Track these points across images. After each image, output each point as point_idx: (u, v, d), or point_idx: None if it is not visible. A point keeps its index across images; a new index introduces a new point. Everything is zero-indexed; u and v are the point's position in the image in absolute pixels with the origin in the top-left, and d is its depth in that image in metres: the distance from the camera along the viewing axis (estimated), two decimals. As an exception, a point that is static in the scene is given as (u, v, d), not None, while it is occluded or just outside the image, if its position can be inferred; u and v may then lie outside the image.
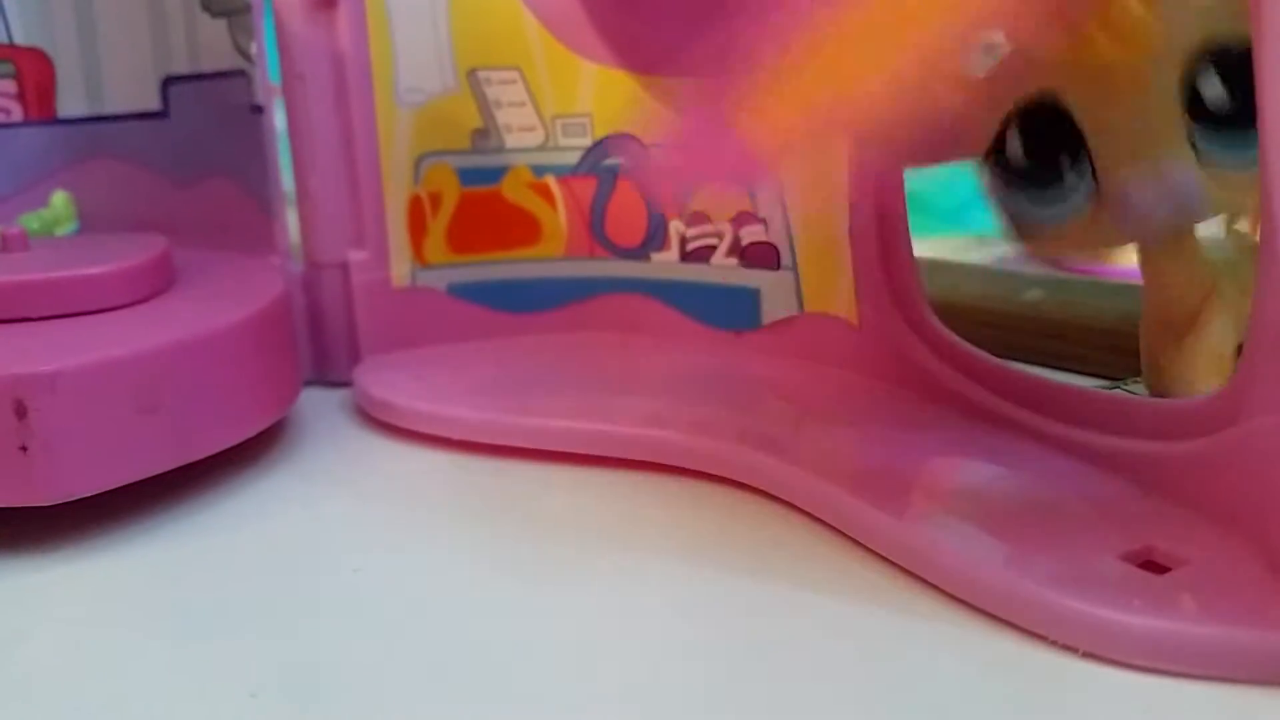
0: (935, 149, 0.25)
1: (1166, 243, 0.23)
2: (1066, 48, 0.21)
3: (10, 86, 0.36)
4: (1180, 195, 0.21)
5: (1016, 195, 0.22)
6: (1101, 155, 0.21)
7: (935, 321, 0.28)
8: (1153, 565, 0.20)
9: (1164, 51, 0.21)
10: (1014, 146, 0.22)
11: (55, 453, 0.24)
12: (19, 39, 0.36)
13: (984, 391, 0.26)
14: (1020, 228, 0.23)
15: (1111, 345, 0.32)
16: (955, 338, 0.27)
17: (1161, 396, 0.23)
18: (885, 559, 0.22)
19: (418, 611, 0.22)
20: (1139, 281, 0.25)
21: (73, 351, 0.25)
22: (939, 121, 0.23)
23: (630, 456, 0.28)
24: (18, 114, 0.36)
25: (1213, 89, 0.21)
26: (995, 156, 0.23)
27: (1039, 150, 0.22)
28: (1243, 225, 0.25)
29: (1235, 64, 0.21)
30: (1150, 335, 0.25)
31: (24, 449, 0.24)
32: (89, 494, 0.25)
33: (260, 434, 0.29)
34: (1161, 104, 0.21)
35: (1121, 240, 0.22)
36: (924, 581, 0.21)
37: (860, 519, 0.23)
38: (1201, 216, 0.22)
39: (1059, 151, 0.22)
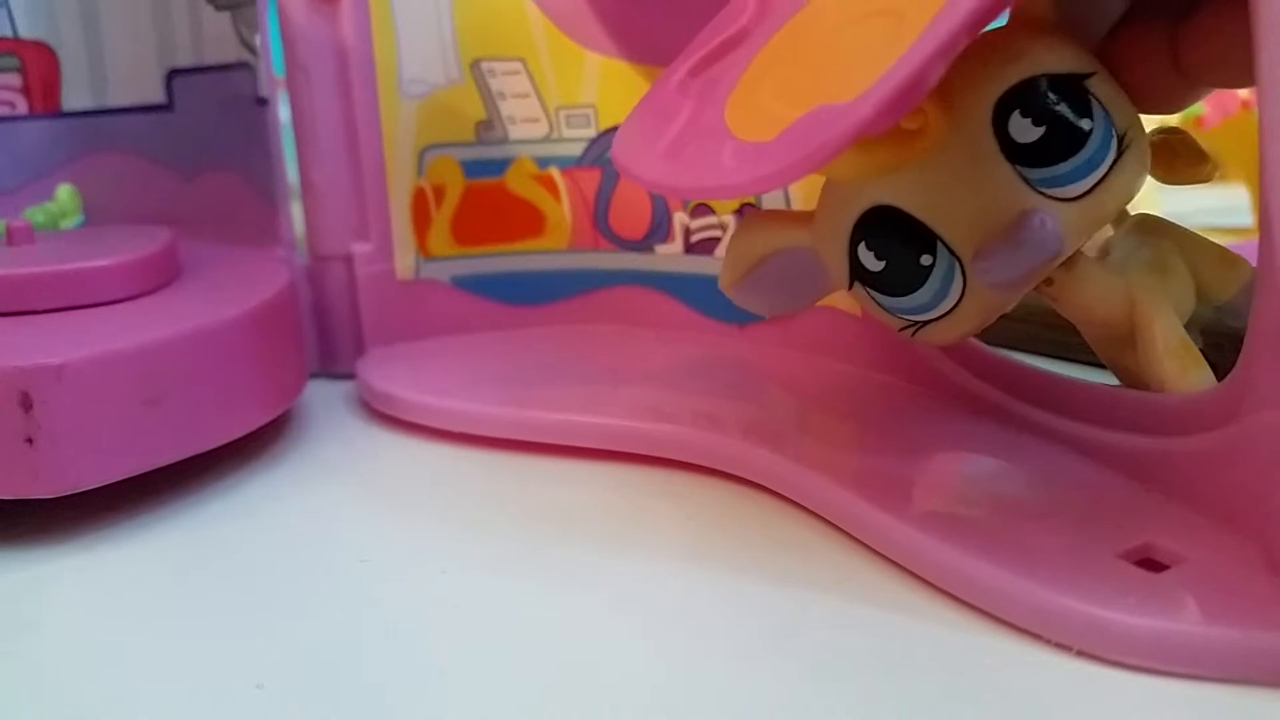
0: (805, 289, 0.25)
1: (1062, 279, 0.23)
2: (871, 165, 0.21)
3: (15, 80, 0.36)
4: (1040, 238, 0.21)
5: (895, 300, 0.23)
6: (952, 237, 0.22)
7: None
8: (1151, 563, 0.20)
9: (964, 125, 0.21)
10: (868, 259, 0.22)
11: (61, 445, 0.24)
12: (24, 33, 0.36)
13: (985, 385, 0.26)
14: (916, 328, 0.23)
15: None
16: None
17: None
18: (884, 556, 0.22)
19: (423, 603, 0.22)
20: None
21: (78, 344, 0.25)
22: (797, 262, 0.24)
23: (634, 450, 0.28)
24: (23, 107, 0.36)
25: (1023, 129, 0.21)
26: (859, 276, 0.23)
27: (890, 251, 0.22)
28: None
29: (1030, 100, 0.21)
30: (1107, 355, 0.25)
31: (30, 441, 0.24)
32: (95, 486, 0.25)
33: (265, 426, 0.29)
34: (984, 168, 0.21)
35: (1009, 300, 0.22)
36: (922, 579, 0.21)
37: (860, 517, 0.23)
38: (1071, 245, 0.22)
39: (910, 246, 0.22)
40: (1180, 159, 0.24)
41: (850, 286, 0.23)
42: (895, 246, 0.22)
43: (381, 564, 0.24)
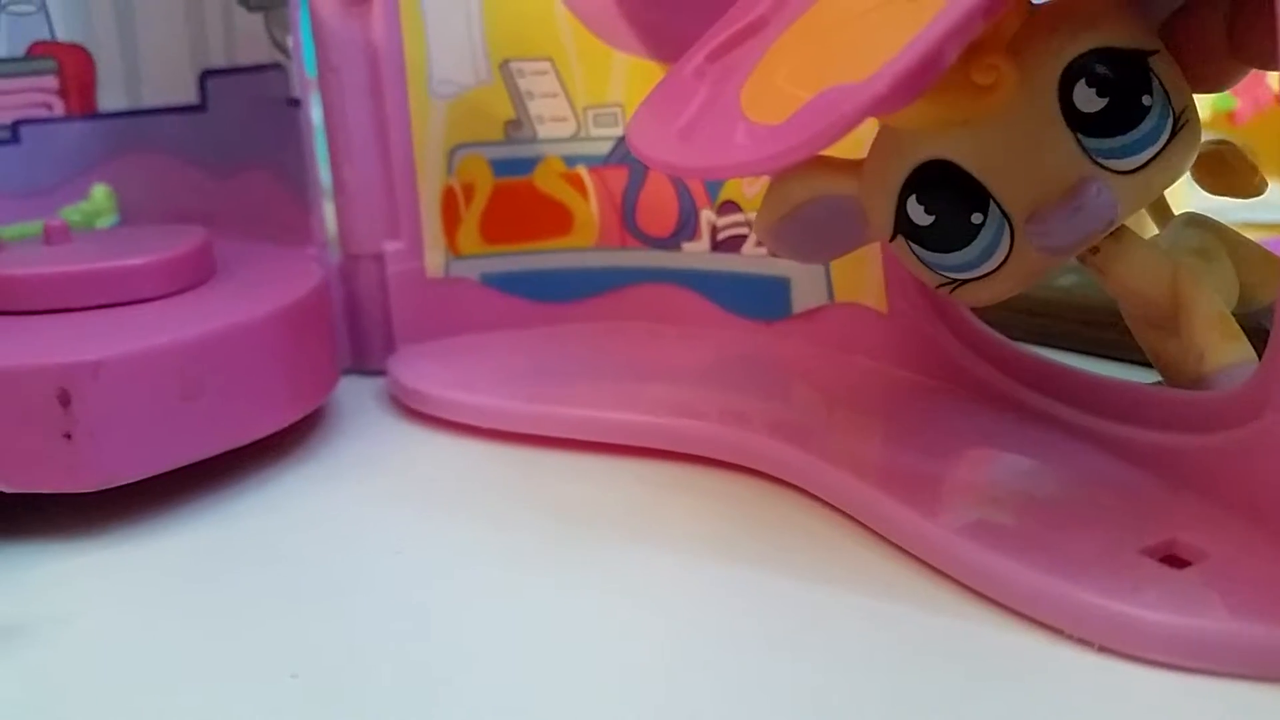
0: (841, 238, 0.25)
1: (1109, 250, 0.23)
2: (939, 117, 0.21)
3: (52, 83, 0.37)
4: (1096, 206, 0.21)
5: (937, 256, 0.23)
6: (1005, 197, 0.22)
7: (965, 311, 0.28)
8: (1175, 559, 0.20)
9: (1031, 88, 0.21)
10: (917, 213, 0.22)
11: (98, 440, 0.25)
12: (61, 36, 0.37)
13: (1011, 381, 0.26)
14: (954, 285, 0.23)
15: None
16: (984, 327, 0.27)
17: (1185, 388, 0.23)
18: (909, 552, 0.22)
19: (453, 595, 0.22)
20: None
21: (115, 341, 0.25)
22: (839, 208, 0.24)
23: (661, 447, 0.28)
24: (59, 109, 0.37)
25: (1087, 98, 0.21)
26: (904, 230, 0.23)
27: (942, 207, 0.22)
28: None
29: (1096, 71, 0.21)
30: (1145, 339, 0.25)
31: (68, 436, 0.24)
32: (131, 480, 0.25)
33: (298, 422, 0.29)
34: (1046, 132, 0.21)
35: (1054, 264, 0.22)
36: (945, 575, 0.22)
37: (885, 515, 0.23)
38: (1122, 217, 0.22)
39: (963, 203, 0.22)
40: (1231, 170, 0.25)
41: (891, 239, 0.23)
42: (947, 202, 0.22)
43: (412, 557, 0.24)
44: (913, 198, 0.22)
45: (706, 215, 0.34)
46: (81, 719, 0.19)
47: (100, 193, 0.37)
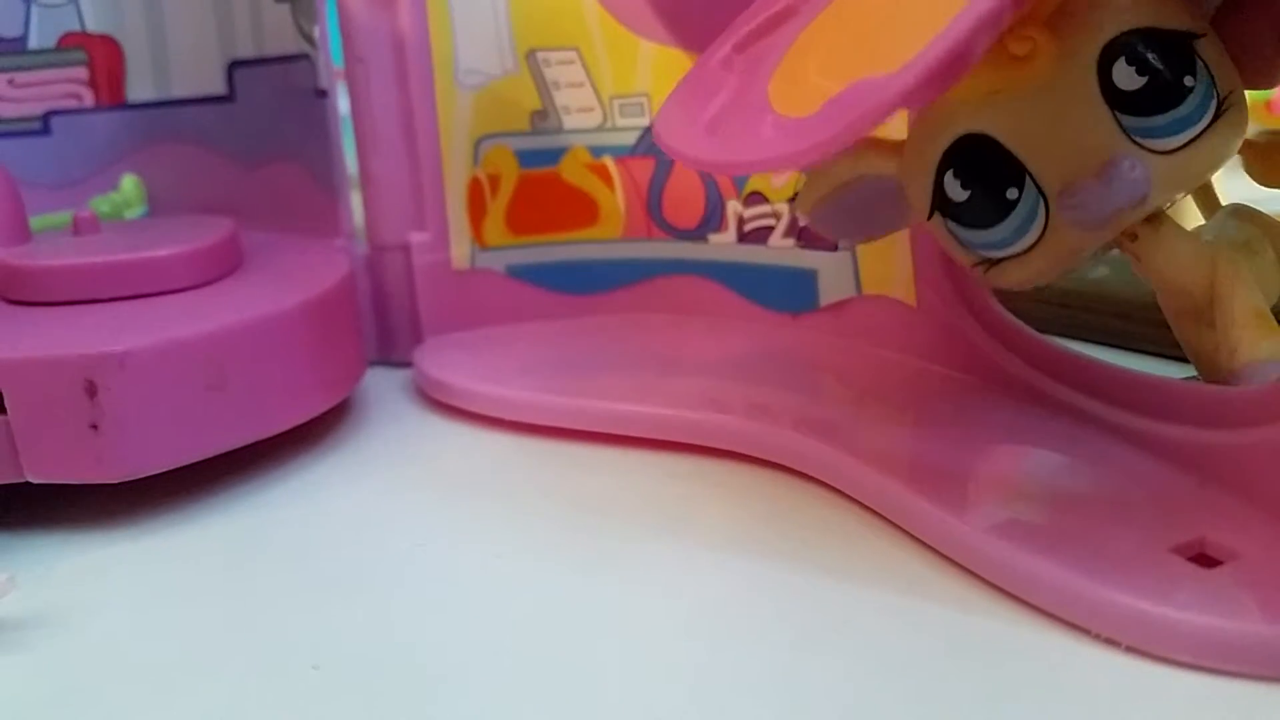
0: (882, 219, 0.25)
1: (1147, 237, 0.23)
2: (974, 85, 0.21)
3: (82, 74, 0.37)
4: (1130, 183, 0.21)
5: (973, 233, 0.22)
6: (1041, 172, 0.22)
7: (994, 304, 0.27)
8: (1205, 558, 0.20)
9: (1070, 62, 0.21)
10: (953, 188, 0.22)
11: (125, 431, 0.25)
12: (90, 27, 0.37)
13: (1041, 375, 0.26)
14: (988, 265, 0.23)
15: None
16: (1014, 320, 0.27)
17: (1220, 382, 0.23)
18: (935, 549, 0.22)
19: (476, 587, 0.22)
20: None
21: (142, 332, 0.25)
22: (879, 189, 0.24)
23: (687, 440, 0.28)
24: (89, 100, 0.37)
25: (1126, 76, 0.21)
26: (941, 207, 0.23)
27: (977, 181, 0.22)
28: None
29: (1137, 50, 0.21)
30: (1182, 331, 0.25)
31: (95, 427, 0.25)
32: (157, 471, 0.26)
33: (325, 413, 0.29)
34: (1084, 108, 0.21)
35: (1087, 243, 0.22)
36: (972, 573, 0.21)
37: (912, 510, 0.23)
38: (1157, 197, 0.22)
39: (998, 178, 0.22)
40: None
41: (929, 217, 0.23)
42: (983, 177, 0.22)
43: (437, 548, 0.24)
44: (949, 173, 0.22)
45: (733, 206, 0.34)
46: (107, 708, 0.19)
47: (129, 184, 0.37)
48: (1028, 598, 0.20)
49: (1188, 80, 0.21)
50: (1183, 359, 0.25)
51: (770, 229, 0.33)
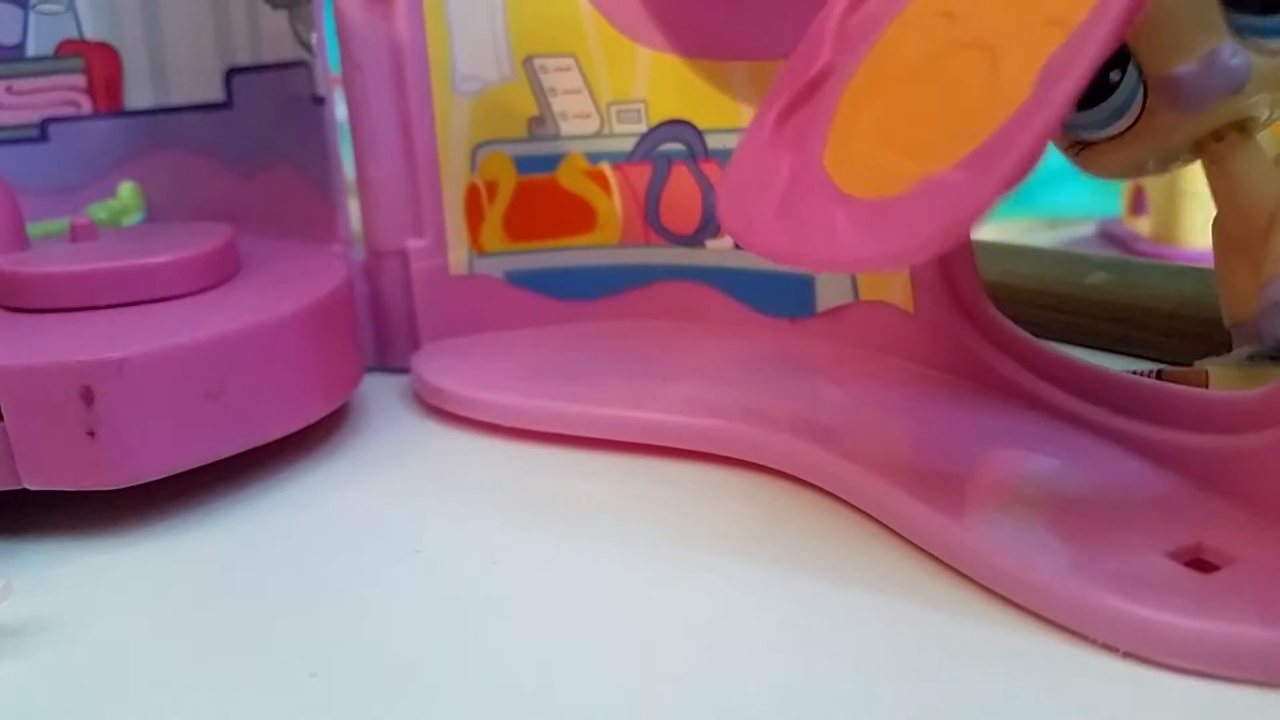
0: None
1: (1232, 141, 0.23)
2: None
3: (80, 81, 0.37)
4: (1228, 69, 0.22)
5: (1073, 114, 0.23)
6: (1145, 56, 0.22)
7: (991, 309, 0.27)
8: (1201, 563, 0.20)
9: None
10: None
11: (122, 437, 0.25)
12: (88, 34, 0.37)
13: (1038, 380, 0.26)
14: (1081, 147, 0.23)
15: (1175, 329, 0.31)
16: (1011, 325, 0.27)
17: (1241, 326, 0.23)
18: (932, 555, 0.22)
19: (474, 594, 0.22)
20: (1203, 265, 0.25)
21: (139, 338, 0.25)
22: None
23: (684, 446, 0.28)
24: (87, 107, 0.37)
25: None
26: None
27: None
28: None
29: None
30: (1224, 266, 0.25)
31: (92, 434, 0.25)
32: (155, 478, 0.26)
33: (322, 419, 0.29)
34: (1199, 2, 0.22)
35: (1181, 128, 0.23)
36: (970, 578, 0.21)
37: (909, 516, 0.23)
38: (1253, 91, 0.22)
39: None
40: None
41: None
42: None
43: (434, 555, 0.24)
44: None
45: (731, 212, 0.34)
46: (104, 714, 0.19)
47: (127, 190, 0.37)
48: (1025, 603, 0.20)
49: None
50: (1179, 364, 0.25)
51: (768, 235, 0.33)
